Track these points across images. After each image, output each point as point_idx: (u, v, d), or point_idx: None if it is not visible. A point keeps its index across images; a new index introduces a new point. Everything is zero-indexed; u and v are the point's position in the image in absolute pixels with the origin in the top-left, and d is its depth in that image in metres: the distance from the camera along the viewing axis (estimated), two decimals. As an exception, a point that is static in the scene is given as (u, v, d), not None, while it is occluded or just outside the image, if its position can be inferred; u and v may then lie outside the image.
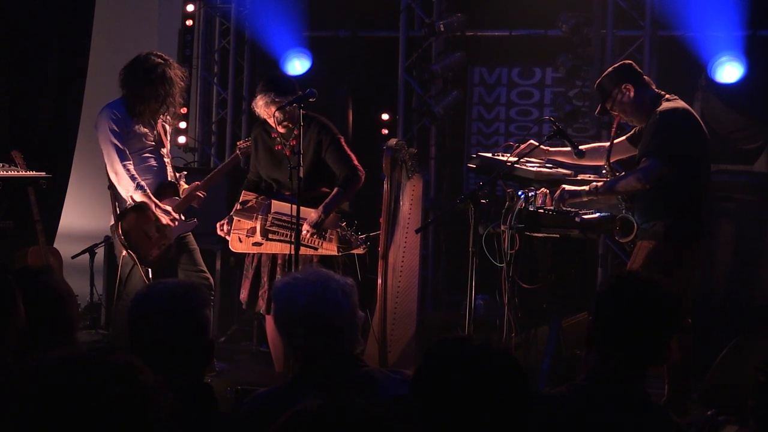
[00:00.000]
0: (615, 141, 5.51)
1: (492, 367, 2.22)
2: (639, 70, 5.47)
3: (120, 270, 6.09)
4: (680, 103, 5.36)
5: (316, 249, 5.94)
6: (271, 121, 5.95)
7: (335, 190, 5.96)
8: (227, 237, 6.08)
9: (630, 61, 5.65)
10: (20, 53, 7.89)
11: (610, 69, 5.58)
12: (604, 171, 5.38)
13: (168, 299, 2.80)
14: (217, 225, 6.11)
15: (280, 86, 5.93)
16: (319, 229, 5.88)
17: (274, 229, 5.97)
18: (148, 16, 9.03)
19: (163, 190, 6.17)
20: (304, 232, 5.85)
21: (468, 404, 2.18)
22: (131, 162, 6.01)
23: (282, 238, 5.93)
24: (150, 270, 6.02)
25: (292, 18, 8.39)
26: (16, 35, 7.87)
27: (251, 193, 6.10)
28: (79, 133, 8.05)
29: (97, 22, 8.23)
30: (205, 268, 6.24)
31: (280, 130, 5.98)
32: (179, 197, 6.22)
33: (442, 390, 2.21)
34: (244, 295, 6.14)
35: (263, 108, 5.91)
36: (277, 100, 5.82)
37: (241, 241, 6.06)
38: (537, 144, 5.64)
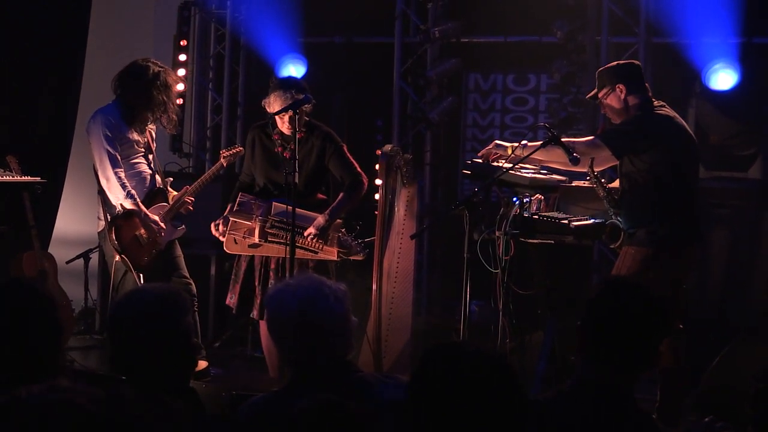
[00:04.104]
0: None
1: (486, 373, 2.22)
2: (641, 74, 5.48)
3: (113, 275, 6.09)
4: (663, 111, 5.36)
5: (316, 253, 5.96)
6: (282, 120, 5.94)
7: (340, 195, 6.00)
8: (222, 238, 6.07)
9: (637, 63, 5.66)
10: (18, 57, 7.87)
11: (614, 63, 5.61)
12: (588, 178, 5.39)
13: (149, 305, 2.81)
14: (212, 225, 6.11)
15: (299, 86, 5.99)
16: (324, 233, 5.90)
17: (273, 231, 5.97)
18: (143, 21, 9.02)
19: (153, 196, 6.18)
20: (306, 234, 5.86)
21: (463, 410, 2.18)
22: (123, 169, 6.01)
23: (281, 241, 5.93)
24: (142, 275, 6.01)
25: (287, 24, 8.40)
26: (16, 37, 7.86)
27: (248, 195, 6.10)
28: (74, 137, 8.04)
29: (92, 26, 8.22)
30: (187, 275, 6.22)
31: (287, 130, 5.97)
32: (168, 203, 6.22)
33: (436, 396, 2.21)
34: (233, 300, 6.13)
35: (281, 106, 5.90)
36: (297, 98, 5.85)
37: (236, 243, 6.05)
38: (499, 143, 5.64)
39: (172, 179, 6.50)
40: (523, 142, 5.46)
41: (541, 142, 5.39)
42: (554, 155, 5.35)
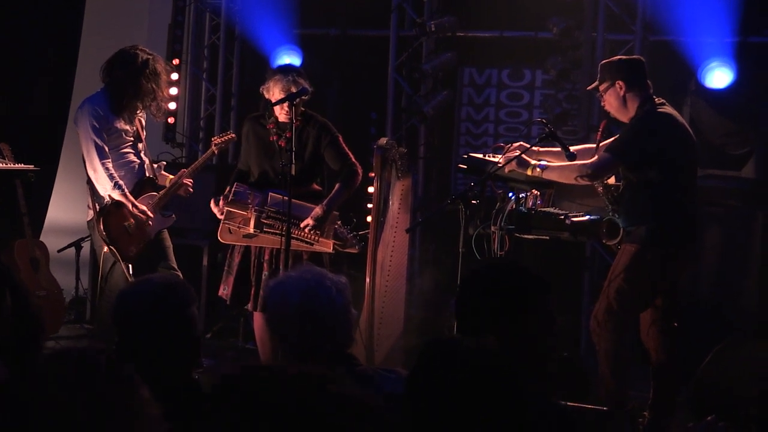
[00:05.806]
0: (601, 144, 5.53)
1: (484, 369, 2.23)
2: (643, 71, 5.46)
3: (101, 266, 6.05)
4: (664, 109, 5.36)
5: (311, 244, 5.93)
6: (282, 107, 5.91)
7: (337, 186, 5.98)
8: (220, 215, 5.99)
9: (641, 59, 5.65)
10: (13, 44, 7.84)
11: (617, 58, 5.61)
12: None
13: (154, 295, 2.80)
14: (212, 201, 6.03)
15: (298, 71, 6.01)
16: (322, 224, 5.88)
17: (269, 221, 5.95)
18: (138, 10, 9.00)
19: (142, 186, 6.12)
20: (303, 225, 5.85)
21: (461, 405, 2.18)
22: (110, 160, 5.95)
23: (276, 231, 5.89)
24: (130, 266, 5.98)
25: (282, 15, 8.38)
26: (10, 25, 7.83)
27: (243, 185, 6.07)
28: (67, 125, 8.01)
29: (87, 15, 8.20)
30: (175, 266, 6.15)
31: (284, 117, 5.93)
32: (157, 193, 6.17)
33: (435, 391, 2.21)
34: (226, 291, 6.09)
35: (281, 91, 5.87)
36: (299, 81, 5.85)
37: (231, 233, 6.02)
38: (528, 146, 5.61)
39: (165, 163, 6.46)
40: (543, 163, 5.41)
41: (561, 164, 5.37)
42: (569, 176, 5.33)
